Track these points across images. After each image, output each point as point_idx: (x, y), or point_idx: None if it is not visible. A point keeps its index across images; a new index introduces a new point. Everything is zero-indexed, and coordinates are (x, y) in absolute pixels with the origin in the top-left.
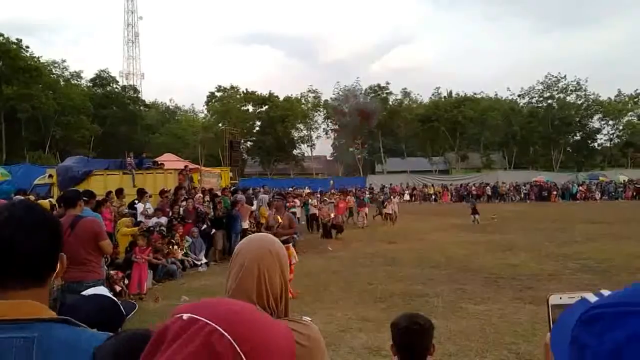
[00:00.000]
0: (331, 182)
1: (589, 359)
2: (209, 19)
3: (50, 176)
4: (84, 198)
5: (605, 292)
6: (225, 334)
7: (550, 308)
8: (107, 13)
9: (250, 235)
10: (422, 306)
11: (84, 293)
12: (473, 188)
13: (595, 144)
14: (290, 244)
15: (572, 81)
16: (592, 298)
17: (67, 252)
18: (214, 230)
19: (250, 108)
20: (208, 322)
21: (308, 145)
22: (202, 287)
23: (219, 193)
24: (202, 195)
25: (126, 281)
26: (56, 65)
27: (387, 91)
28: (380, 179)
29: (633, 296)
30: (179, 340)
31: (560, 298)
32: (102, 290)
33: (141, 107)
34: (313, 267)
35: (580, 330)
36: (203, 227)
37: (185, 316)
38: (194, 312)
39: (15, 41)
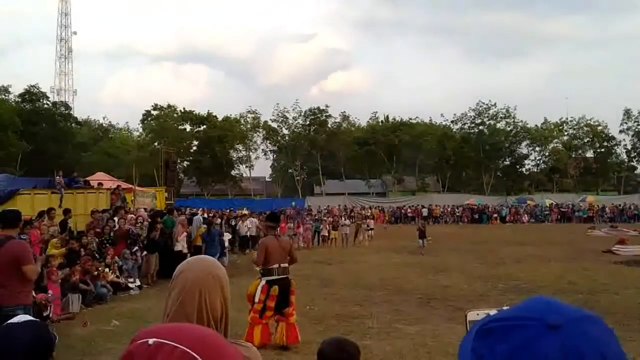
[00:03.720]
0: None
1: None
2: (146, 36)
3: None
4: None
5: (505, 308)
6: (197, 356)
7: (468, 324)
8: (39, 27)
9: (191, 258)
10: (357, 327)
11: (14, 320)
12: (409, 210)
13: (524, 169)
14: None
15: (501, 109)
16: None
17: None
18: (145, 253)
19: (188, 127)
20: (177, 345)
21: (247, 166)
22: (132, 310)
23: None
24: (134, 216)
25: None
26: None
27: (326, 114)
28: (319, 200)
29: (518, 311)
30: None
31: (477, 314)
32: (29, 317)
33: (73, 125)
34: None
35: (477, 343)
36: (135, 249)
37: (151, 341)
38: (159, 337)
39: None
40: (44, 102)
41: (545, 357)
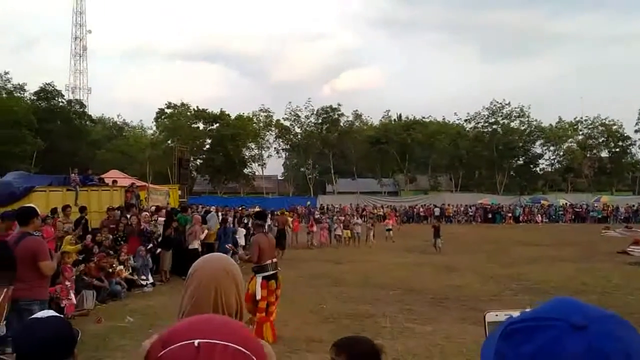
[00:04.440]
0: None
1: None
2: (160, 34)
3: None
4: None
5: (528, 309)
6: (247, 352)
7: (487, 325)
8: (54, 25)
9: (205, 255)
10: (369, 326)
11: (38, 315)
12: (421, 210)
13: (537, 169)
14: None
15: (515, 108)
16: (516, 315)
17: None
18: (159, 250)
19: (201, 125)
20: (227, 344)
21: (259, 165)
22: (146, 307)
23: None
24: (148, 214)
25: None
26: None
27: (339, 112)
28: (331, 199)
29: (542, 312)
30: None
31: (497, 315)
32: (52, 313)
33: (87, 122)
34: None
35: (501, 344)
36: (149, 246)
37: (196, 342)
38: (201, 336)
39: None
40: (59, 100)
41: (571, 357)
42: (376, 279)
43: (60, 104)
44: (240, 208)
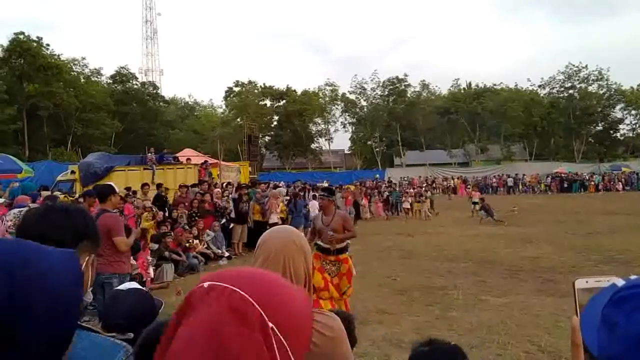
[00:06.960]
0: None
1: (618, 337)
2: (225, 14)
3: (73, 172)
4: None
5: (633, 277)
6: (245, 294)
7: (576, 292)
8: (125, 10)
9: (274, 227)
10: (442, 299)
11: (120, 287)
12: (493, 180)
13: (618, 134)
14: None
15: (593, 71)
16: (620, 282)
17: None
18: (232, 225)
19: (268, 102)
20: (227, 285)
21: (326, 139)
22: None
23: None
24: (220, 190)
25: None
26: (76, 62)
27: (405, 83)
28: (399, 172)
29: None
30: (200, 305)
31: (587, 282)
32: (136, 285)
33: (160, 103)
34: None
35: (611, 310)
36: (222, 222)
37: (206, 284)
38: (215, 280)
39: (36, 39)
40: (134, 82)
41: None
42: (448, 251)
43: (135, 86)
44: (304, 183)
